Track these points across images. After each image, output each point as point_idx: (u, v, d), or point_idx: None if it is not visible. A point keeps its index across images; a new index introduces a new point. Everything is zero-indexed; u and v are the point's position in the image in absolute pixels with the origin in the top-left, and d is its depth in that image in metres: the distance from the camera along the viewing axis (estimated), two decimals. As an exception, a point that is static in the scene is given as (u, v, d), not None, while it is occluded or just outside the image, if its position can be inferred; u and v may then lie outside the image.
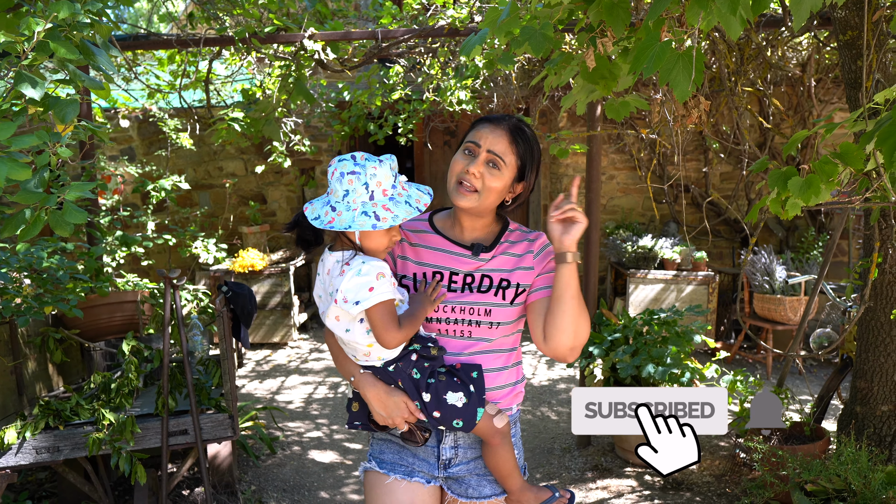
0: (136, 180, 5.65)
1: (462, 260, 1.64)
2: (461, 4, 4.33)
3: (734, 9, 1.42)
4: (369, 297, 1.46)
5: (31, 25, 1.40)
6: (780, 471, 2.95)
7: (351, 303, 1.46)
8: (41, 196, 1.40)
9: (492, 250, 1.65)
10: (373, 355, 1.56)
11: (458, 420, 1.55)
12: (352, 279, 1.46)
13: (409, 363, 1.56)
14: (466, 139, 1.61)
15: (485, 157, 1.56)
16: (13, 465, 2.63)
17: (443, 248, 1.66)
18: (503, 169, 1.57)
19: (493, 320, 1.62)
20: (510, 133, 1.58)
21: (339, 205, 1.46)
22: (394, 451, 1.70)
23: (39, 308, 2.76)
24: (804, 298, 5.13)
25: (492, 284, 1.62)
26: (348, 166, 1.45)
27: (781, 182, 1.80)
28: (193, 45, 3.99)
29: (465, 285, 1.63)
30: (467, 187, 1.57)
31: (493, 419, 1.60)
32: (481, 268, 1.64)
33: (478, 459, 1.69)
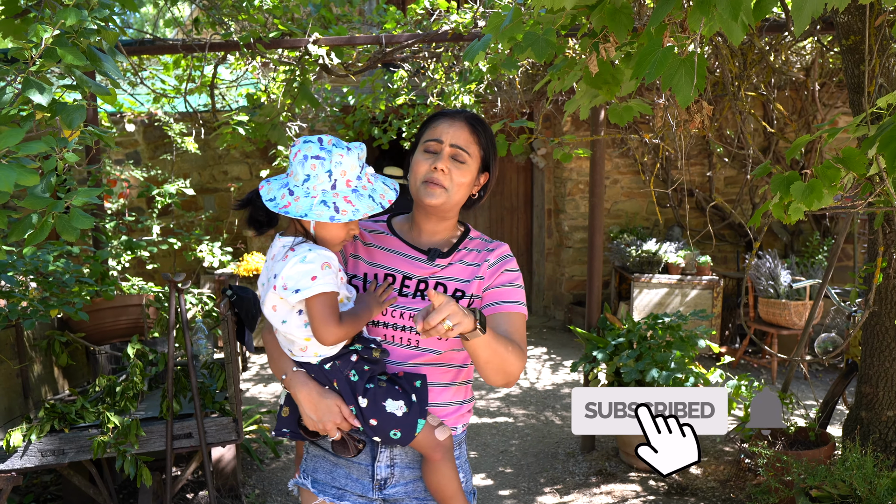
0: (142, 184, 5.68)
1: (417, 264, 1.56)
2: (465, 9, 4.35)
3: (735, 14, 1.42)
4: (311, 286, 1.35)
5: (39, 32, 1.42)
6: (785, 476, 2.94)
7: (290, 290, 1.35)
8: (48, 201, 1.42)
9: (448, 257, 1.57)
10: (309, 350, 1.43)
11: (395, 430, 1.43)
12: (295, 266, 1.36)
13: (348, 363, 1.44)
14: (425, 138, 1.54)
15: (449, 151, 1.50)
16: (18, 468, 2.64)
17: (398, 250, 1.58)
18: (468, 161, 1.52)
19: None
20: (470, 124, 1.53)
21: (298, 189, 1.36)
22: (327, 469, 1.57)
23: (45, 311, 2.78)
24: (809, 303, 5.12)
25: (445, 293, 1.51)
26: (313, 149, 1.36)
27: (784, 187, 1.81)
28: (199, 50, 4.02)
29: (418, 291, 1.53)
30: (435, 184, 1.49)
31: (434, 431, 1.47)
32: (436, 274, 1.55)
33: (417, 481, 1.55)
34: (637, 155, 6.63)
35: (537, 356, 6.05)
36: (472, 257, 1.58)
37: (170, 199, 5.15)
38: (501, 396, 5.03)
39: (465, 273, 1.56)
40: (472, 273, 1.56)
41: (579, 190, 6.88)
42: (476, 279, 1.55)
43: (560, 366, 5.76)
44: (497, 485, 3.62)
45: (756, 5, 1.56)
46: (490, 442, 4.19)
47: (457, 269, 1.56)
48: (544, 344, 6.44)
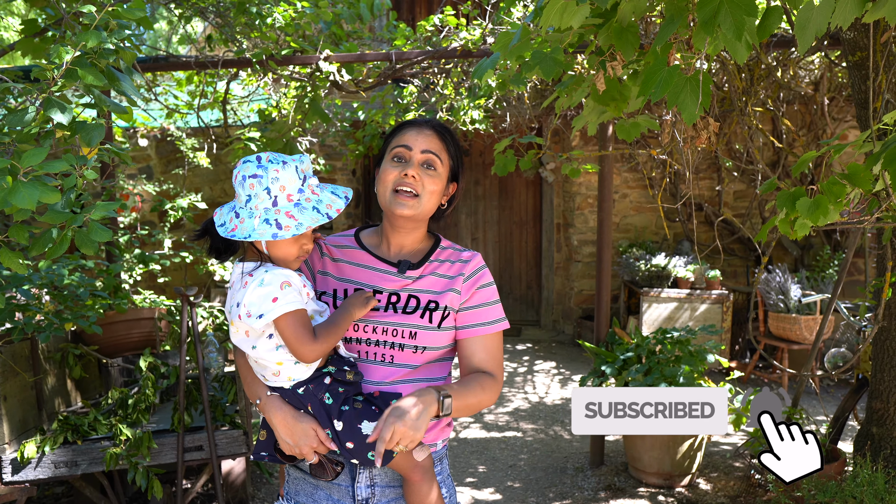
0: (155, 199, 5.75)
1: (387, 277, 1.52)
2: (474, 26, 4.40)
3: (739, 34, 1.45)
4: (272, 308, 1.32)
5: (62, 54, 1.47)
6: (795, 492, 2.93)
7: (254, 316, 1.33)
8: (68, 216, 1.45)
9: (419, 268, 1.53)
10: (282, 374, 1.40)
11: (372, 452, 1.38)
12: (254, 291, 1.34)
13: (322, 386, 1.41)
14: (393, 146, 1.50)
15: (420, 158, 1.47)
16: (32, 479, 2.67)
17: (367, 263, 1.54)
18: (439, 168, 1.49)
19: (419, 344, 1.48)
20: (438, 132, 1.51)
21: (243, 211, 1.35)
22: (308, 492, 1.53)
23: (60, 324, 2.82)
24: (819, 317, 5.10)
25: (418, 305, 1.49)
26: (250, 168, 1.34)
27: (790, 203, 1.82)
28: (212, 67, 4.09)
29: (389, 304, 1.49)
30: (406, 193, 1.46)
31: (412, 452, 1.43)
32: (408, 287, 1.51)
33: (399, 499, 1.52)
34: (645, 170, 6.65)
35: (546, 370, 6.04)
36: (446, 269, 1.55)
37: (182, 213, 5.21)
38: (510, 411, 5.02)
39: (439, 285, 1.53)
40: (446, 285, 1.53)
41: (588, 204, 6.90)
42: (450, 291, 1.52)
43: (569, 380, 5.75)
44: (506, 499, 3.61)
45: (760, 24, 1.58)
46: (499, 456, 4.19)
47: (429, 282, 1.53)
48: (553, 358, 6.43)
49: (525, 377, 5.85)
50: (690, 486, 3.68)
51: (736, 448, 4.17)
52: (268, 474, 3.74)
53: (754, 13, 1.47)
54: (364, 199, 7.79)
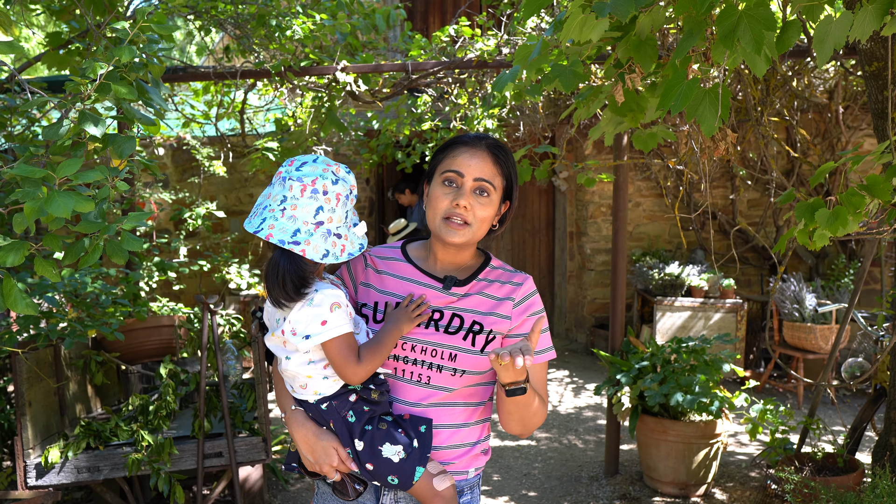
0: (173, 207, 5.81)
1: (431, 292, 1.46)
2: (489, 37, 4.44)
3: (759, 48, 1.47)
4: (322, 331, 1.31)
5: (96, 69, 1.51)
6: (813, 503, 2.91)
7: (300, 336, 1.31)
8: (100, 225, 1.49)
9: (466, 286, 1.47)
10: (309, 388, 1.39)
11: (392, 476, 1.36)
12: (302, 309, 1.31)
13: (346, 404, 1.38)
14: (443, 168, 1.44)
15: (472, 185, 1.42)
16: (56, 484, 2.72)
17: (412, 277, 1.49)
18: (492, 194, 1.44)
19: (458, 367, 1.42)
20: (492, 153, 1.45)
21: (307, 227, 1.29)
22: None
23: (83, 331, 2.86)
24: (835, 327, 5.07)
25: (462, 326, 1.44)
26: (320, 184, 1.30)
27: (809, 213, 1.83)
28: (231, 78, 4.15)
29: (431, 321, 1.44)
30: (457, 223, 1.42)
31: (432, 480, 1.38)
32: (452, 304, 1.46)
33: None
34: (660, 178, 6.65)
35: (559, 379, 6.04)
36: (494, 289, 1.49)
37: (202, 221, 5.28)
38: (524, 419, 5.02)
39: (484, 305, 1.47)
40: (493, 307, 1.47)
41: (601, 213, 6.90)
42: (499, 317, 1.47)
43: (582, 389, 5.74)
44: (521, 508, 3.62)
45: (779, 38, 1.60)
46: (513, 465, 4.19)
47: (475, 301, 1.47)
48: (566, 367, 6.43)
49: (538, 386, 5.85)
50: (706, 495, 3.67)
51: (752, 458, 4.16)
52: (283, 481, 3.77)
53: (773, 27, 1.49)
54: (378, 208, 7.84)
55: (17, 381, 2.68)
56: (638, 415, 3.68)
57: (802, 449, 3.67)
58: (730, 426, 4.58)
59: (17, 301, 1.43)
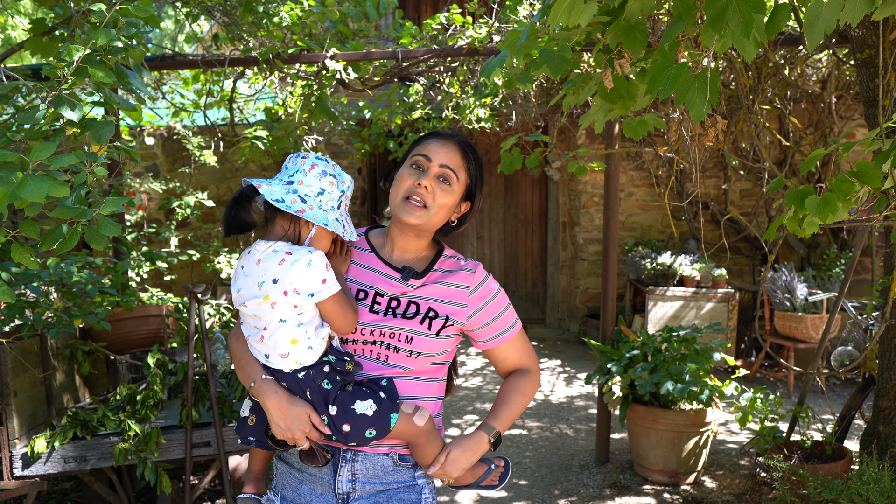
0: (162, 197, 5.77)
1: (390, 282, 1.54)
2: (480, 24, 4.40)
3: (748, 31, 1.45)
4: (323, 288, 1.40)
5: (72, 52, 1.48)
6: (801, 490, 2.92)
7: (304, 294, 1.39)
8: (78, 211, 1.47)
9: (423, 277, 1.55)
10: (290, 357, 1.43)
11: (370, 430, 1.42)
12: (301, 270, 1.38)
13: (321, 374, 1.45)
14: (414, 153, 1.53)
15: (436, 171, 1.50)
16: (42, 474, 2.69)
17: (373, 266, 1.57)
18: (454, 185, 1.52)
19: (414, 349, 1.50)
20: (462, 149, 1.53)
21: (311, 199, 1.42)
22: (293, 486, 1.55)
23: (69, 321, 2.83)
24: (826, 316, 5.08)
25: (418, 312, 1.52)
26: (329, 168, 1.46)
27: (798, 201, 1.82)
28: (219, 66, 4.10)
29: (389, 309, 1.52)
30: (416, 203, 1.49)
31: (412, 419, 1.47)
32: (408, 293, 1.53)
33: (378, 494, 1.51)
34: (652, 168, 6.64)
35: (551, 368, 6.05)
36: (449, 278, 1.57)
37: (191, 211, 5.23)
38: (516, 408, 5.03)
39: (440, 293, 1.55)
40: (449, 295, 1.55)
41: (594, 202, 6.89)
42: (455, 305, 1.55)
43: (574, 378, 5.75)
44: (512, 496, 3.62)
45: (768, 22, 1.58)
46: (504, 454, 4.20)
47: (431, 290, 1.55)
48: (558, 356, 6.44)
49: (530, 375, 5.86)
50: (696, 483, 3.68)
51: (742, 446, 4.17)
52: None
53: (762, 10, 1.47)
54: (370, 198, 7.80)
55: (2, 370, 2.65)
56: (628, 403, 3.68)
57: (792, 437, 3.68)
58: (720, 415, 4.59)
59: (-6, 288, 1.40)
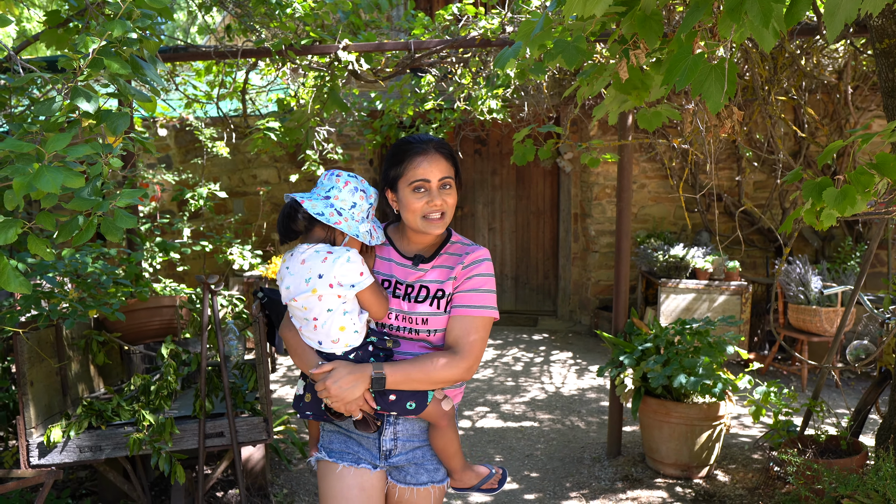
0: (175, 188, 5.79)
1: (405, 270, 1.81)
2: (492, 15, 4.37)
3: (767, 21, 1.43)
4: (361, 280, 1.67)
5: (88, 43, 1.48)
6: (816, 485, 2.90)
7: (347, 286, 1.66)
8: (94, 203, 1.47)
9: (430, 261, 1.81)
10: (340, 342, 1.70)
11: (411, 402, 1.72)
12: (343, 266, 1.66)
13: (367, 353, 1.72)
14: (410, 179, 1.74)
15: (438, 185, 1.75)
16: (58, 463, 2.73)
17: (390, 257, 1.84)
18: (453, 185, 1.79)
19: (431, 328, 1.77)
20: (445, 156, 1.78)
21: (345, 212, 1.70)
22: (341, 441, 1.85)
23: (84, 311, 2.86)
24: (840, 309, 5.04)
25: (428, 294, 1.78)
26: (360, 185, 1.75)
27: (816, 193, 1.80)
28: (231, 57, 4.10)
29: (406, 295, 1.79)
30: (435, 217, 1.75)
31: (440, 403, 1.76)
32: (421, 279, 1.79)
33: (415, 451, 1.84)
34: (665, 159, 6.59)
35: (562, 361, 6.04)
36: (452, 261, 1.81)
37: (204, 202, 5.25)
38: (527, 401, 5.03)
39: (443, 274, 1.80)
40: (448, 274, 1.79)
41: (606, 194, 6.85)
42: (450, 280, 1.79)
43: (586, 370, 5.74)
44: (523, 489, 3.63)
45: (788, 11, 1.56)
46: (516, 446, 4.20)
47: (436, 273, 1.80)
48: (570, 349, 6.42)
49: (542, 367, 5.85)
50: (708, 477, 3.67)
51: (755, 440, 4.15)
52: (286, 461, 3.78)
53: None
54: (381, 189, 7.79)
55: (18, 360, 2.68)
56: (641, 396, 3.67)
57: (806, 431, 3.65)
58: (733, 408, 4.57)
59: (11, 279, 1.41)
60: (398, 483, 1.85)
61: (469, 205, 7.69)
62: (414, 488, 1.84)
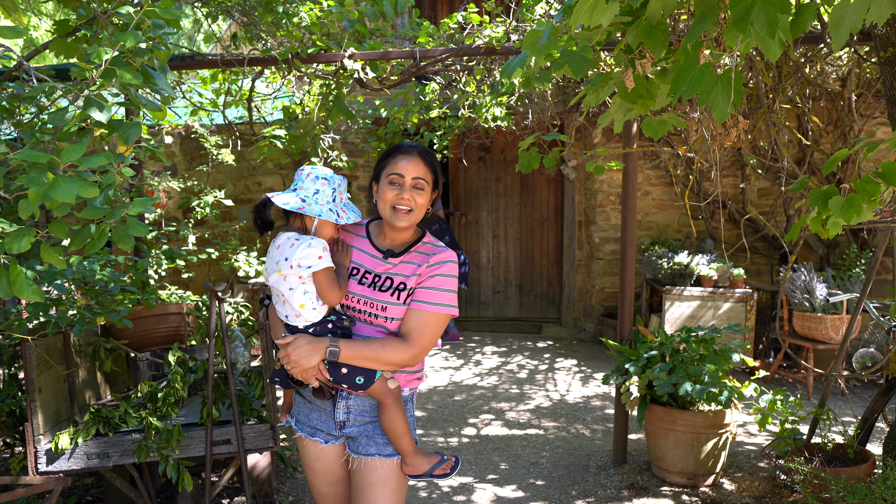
0: (181, 195, 5.81)
1: (376, 262, 2.01)
2: (497, 23, 4.40)
3: (773, 31, 1.44)
4: (318, 263, 1.87)
5: (101, 54, 1.50)
6: (823, 494, 2.90)
7: (304, 267, 1.86)
8: (106, 211, 1.49)
9: (399, 256, 2.00)
10: (301, 317, 1.92)
11: (360, 377, 1.91)
12: (304, 249, 1.86)
13: (325, 330, 1.93)
14: (388, 171, 1.96)
15: (411, 183, 1.93)
16: (66, 470, 2.73)
17: (366, 249, 2.04)
18: (426, 188, 1.96)
19: (388, 315, 1.95)
20: (423, 158, 1.96)
21: (309, 198, 1.90)
22: (304, 412, 2.10)
23: (92, 318, 2.87)
24: (846, 317, 5.03)
25: (392, 285, 1.96)
26: (321, 174, 1.93)
27: (822, 201, 1.81)
28: (238, 65, 4.13)
29: (372, 283, 1.98)
30: (402, 210, 1.93)
31: (386, 382, 1.95)
32: (388, 271, 1.98)
33: (367, 424, 2.03)
34: (669, 167, 6.60)
35: (567, 368, 6.03)
36: (419, 258, 1.99)
37: (210, 209, 5.27)
38: (531, 408, 5.02)
39: (409, 270, 1.98)
40: (414, 270, 1.97)
41: (610, 202, 6.86)
42: (414, 276, 1.96)
43: (590, 378, 5.73)
44: (528, 497, 3.62)
45: (793, 22, 1.57)
46: (521, 454, 4.20)
47: (403, 268, 1.99)
48: (574, 356, 6.42)
49: (546, 375, 5.85)
50: (714, 485, 3.66)
51: (761, 448, 4.14)
52: (291, 468, 3.78)
53: (788, 10, 1.46)
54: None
55: (27, 367, 2.69)
56: (646, 404, 3.67)
57: (812, 440, 3.64)
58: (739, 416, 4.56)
59: (24, 288, 1.43)
60: (353, 453, 2.04)
61: (473, 212, 7.71)
62: (363, 458, 2.01)
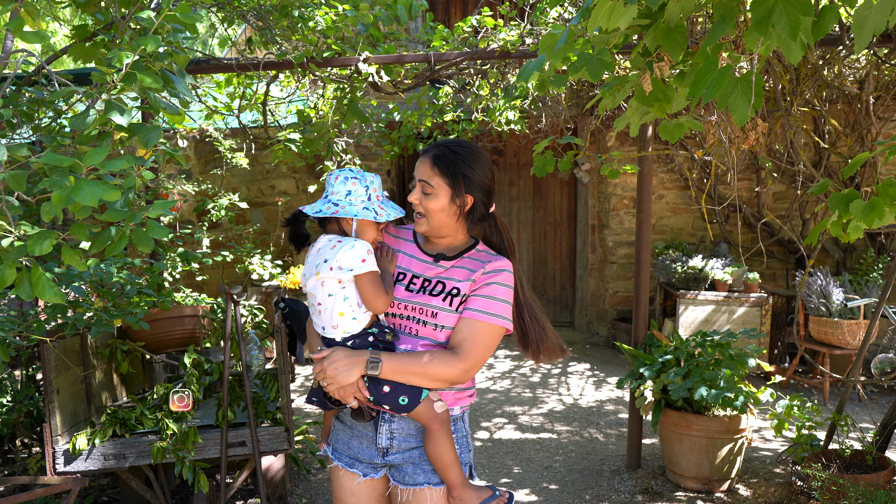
0: (197, 198, 5.85)
1: (425, 266, 1.84)
2: (511, 27, 4.39)
3: (795, 34, 1.43)
4: (361, 266, 1.70)
5: (122, 58, 1.51)
6: (842, 500, 2.87)
7: (345, 269, 1.70)
8: (128, 214, 1.50)
9: (452, 261, 1.84)
10: (339, 328, 1.74)
11: (404, 397, 1.69)
12: (346, 252, 1.70)
13: (366, 343, 1.74)
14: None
15: (418, 185, 1.80)
16: (83, 470, 2.76)
17: (413, 254, 1.88)
18: (433, 191, 1.78)
19: (438, 323, 1.76)
20: (430, 160, 1.79)
21: (342, 201, 1.75)
22: (344, 440, 1.89)
23: (109, 320, 2.89)
24: (863, 322, 4.97)
25: (443, 290, 1.78)
26: (351, 174, 1.78)
27: (843, 205, 1.79)
28: (253, 69, 4.15)
29: (422, 288, 1.81)
30: (418, 214, 1.81)
31: (433, 405, 1.73)
32: (439, 275, 1.81)
33: (412, 450, 1.80)
34: (684, 170, 6.56)
35: (580, 372, 6.01)
36: (474, 265, 1.82)
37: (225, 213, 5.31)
38: (545, 412, 5.01)
39: (462, 275, 1.80)
40: (468, 276, 1.80)
41: (624, 205, 6.83)
42: (469, 281, 1.79)
43: (604, 382, 5.70)
44: (542, 501, 3.60)
45: (816, 24, 1.56)
46: (534, 458, 4.18)
47: (456, 272, 1.81)
48: (587, 360, 6.39)
49: (559, 379, 5.83)
50: (729, 491, 3.63)
51: (777, 454, 4.10)
52: (305, 471, 3.79)
53: (810, 12, 1.45)
54: (399, 198, 7.83)
55: (45, 368, 2.72)
56: (661, 409, 3.64)
57: (829, 446, 3.60)
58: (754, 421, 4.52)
59: (45, 290, 1.44)
60: (398, 484, 1.81)
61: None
62: (410, 489, 1.79)
